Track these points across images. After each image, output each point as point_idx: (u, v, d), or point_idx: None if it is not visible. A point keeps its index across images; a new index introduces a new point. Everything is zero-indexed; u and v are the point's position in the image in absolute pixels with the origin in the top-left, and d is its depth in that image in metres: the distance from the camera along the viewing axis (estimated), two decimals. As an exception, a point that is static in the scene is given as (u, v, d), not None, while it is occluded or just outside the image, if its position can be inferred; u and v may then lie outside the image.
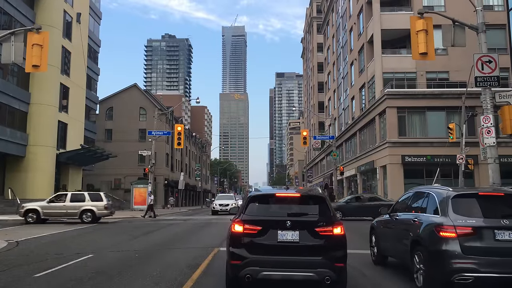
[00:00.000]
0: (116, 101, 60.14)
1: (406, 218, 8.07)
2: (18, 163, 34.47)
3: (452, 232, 6.40)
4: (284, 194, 6.79)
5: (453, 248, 6.32)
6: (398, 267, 8.91)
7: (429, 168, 30.41)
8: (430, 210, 7.27)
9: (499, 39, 29.46)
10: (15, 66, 32.28)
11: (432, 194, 7.47)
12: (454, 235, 6.37)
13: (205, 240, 14.82)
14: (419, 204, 7.95)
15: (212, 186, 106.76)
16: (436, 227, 6.68)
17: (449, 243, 6.38)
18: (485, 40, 11.96)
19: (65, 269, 8.91)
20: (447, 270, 6.33)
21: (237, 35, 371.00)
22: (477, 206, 6.69)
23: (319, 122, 67.88)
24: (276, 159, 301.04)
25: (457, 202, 6.77)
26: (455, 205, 6.73)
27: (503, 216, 6.47)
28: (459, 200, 6.82)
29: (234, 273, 6.26)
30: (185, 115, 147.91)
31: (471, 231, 6.34)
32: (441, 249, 6.45)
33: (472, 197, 6.95)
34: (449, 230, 6.44)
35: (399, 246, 8.06)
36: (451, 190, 7.16)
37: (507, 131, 11.47)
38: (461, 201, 6.82)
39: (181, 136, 31.25)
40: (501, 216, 6.46)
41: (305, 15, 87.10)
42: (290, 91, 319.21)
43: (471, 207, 6.71)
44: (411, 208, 8.23)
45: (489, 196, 7.08)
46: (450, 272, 6.28)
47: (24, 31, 14.95)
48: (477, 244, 6.29)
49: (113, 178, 55.83)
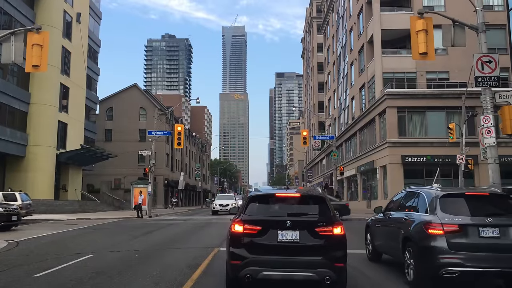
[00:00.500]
0: (116, 101, 60.14)
1: (398, 217, 8.52)
2: (18, 163, 34.48)
3: (439, 230, 6.82)
4: (284, 194, 6.79)
5: (441, 244, 6.73)
6: (398, 266, 8.91)
7: (429, 168, 30.40)
8: (420, 209, 7.70)
9: (499, 39, 29.46)
10: (15, 66, 32.29)
11: (422, 194, 7.90)
12: (442, 232, 6.79)
13: (205, 240, 14.82)
14: (410, 203, 8.39)
15: (212, 186, 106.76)
16: (425, 224, 7.09)
17: (437, 240, 6.79)
18: (485, 40, 11.95)
19: (65, 269, 8.90)
20: (435, 265, 6.72)
21: (237, 35, 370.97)
22: (464, 205, 7.11)
23: (319, 122, 67.87)
24: (276, 159, 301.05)
25: (445, 202, 7.20)
26: (443, 204, 7.16)
27: (487, 214, 6.87)
28: (446, 199, 7.25)
29: (234, 273, 6.26)
30: (185, 115, 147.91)
31: (457, 228, 6.76)
32: (430, 245, 6.85)
33: (459, 197, 7.37)
34: (436, 228, 6.85)
35: (392, 243, 8.47)
36: (439, 190, 7.64)
37: (507, 131, 11.46)
38: (448, 200, 7.25)
39: (181, 136, 31.25)
40: (485, 215, 6.86)
41: (305, 15, 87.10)
42: (290, 91, 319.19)
43: (458, 206, 7.12)
44: (403, 207, 8.65)
45: (475, 195, 7.52)
46: (438, 267, 6.67)
47: (24, 31, 14.94)
48: (462, 240, 6.70)
49: (113, 178, 55.81)
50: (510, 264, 6.55)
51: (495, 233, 6.73)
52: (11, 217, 18.03)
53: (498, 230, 6.73)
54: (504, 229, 6.76)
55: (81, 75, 42.46)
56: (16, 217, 18.44)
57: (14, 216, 18.26)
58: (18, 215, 18.64)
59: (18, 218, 18.69)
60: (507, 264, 6.55)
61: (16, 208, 19.05)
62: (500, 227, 6.75)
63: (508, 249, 6.66)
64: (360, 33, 40.88)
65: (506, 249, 6.65)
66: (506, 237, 6.74)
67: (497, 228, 6.74)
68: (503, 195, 7.68)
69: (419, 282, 7.19)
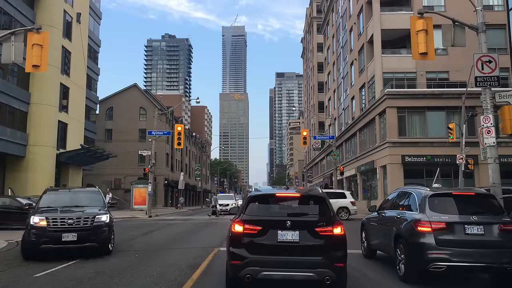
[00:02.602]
0: (116, 101, 60.13)
1: (390, 215, 8.97)
2: (18, 163, 34.45)
3: (428, 227, 7.27)
4: (284, 194, 6.80)
5: (429, 241, 7.18)
6: (392, 262, 8.94)
7: (429, 168, 30.38)
8: (411, 208, 8.19)
9: (499, 39, 29.45)
10: (15, 66, 32.26)
11: (413, 193, 8.37)
12: (430, 229, 7.23)
13: (205, 240, 14.82)
14: (402, 203, 8.85)
15: (212, 186, 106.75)
16: (414, 222, 7.55)
17: (425, 237, 7.25)
18: (485, 40, 11.94)
19: (65, 269, 8.91)
20: (423, 260, 7.16)
21: (237, 35, 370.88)
22: (451, 204, 7.59)
23: (319, 122, 67.85)
24: (276, 159, 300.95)
25: (434, 201, 7.67)
26: (432, 203, 7.63)
27: (473, 212, 7.36)
28: (435, 199, 7.73)
29: (234, 273, 6.26)
30: (185, 115, 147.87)
31: (444, 226, 7.21)
32: (419, 241, 7.31)
33: (447, 196, 7.84)
34: (425, 225, 7.31)
35: (385, 240, 8.95)
36: (428, 190, 8.12)
37: (507, 131, 11.46)
38: (437, 199, 7.72)
39: (181, 136, 31.24)
40: (471, 213, 7.35)
41: (305, 15, 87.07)
42: (290, 91, 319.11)
43: (445, 205, 7.60)
44: (396, 206, 9.09)
45: (462, 195, 7.99)
46: (426, 262, 7.11)
47: (24, 31, 14.93)
48: (449, 237, 7.14)
49: (113, 178, 55.81)
50: (493, 259, 6.95)
51: (480, 230, 7.13)
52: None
53: (483, 227, 7.15)
54: (488, 227, 7.18)
55: (81, 75, 42.44)
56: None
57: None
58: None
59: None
60: (491, 260, 6.95)
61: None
62: (484, 225, 7.17)
63: (492, 245, 7.08)
64: (360, 33, 40.87)
65: (490, 245, 7.07)
66: (490, 234, 7.15)
67: (481, 226, 7.15)
68: (488, 195, 8.14)
69: (409, 276, 7.60)
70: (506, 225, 7.18)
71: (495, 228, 7.18)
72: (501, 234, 7.14)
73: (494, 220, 7.28)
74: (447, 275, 7.38)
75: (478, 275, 8.21)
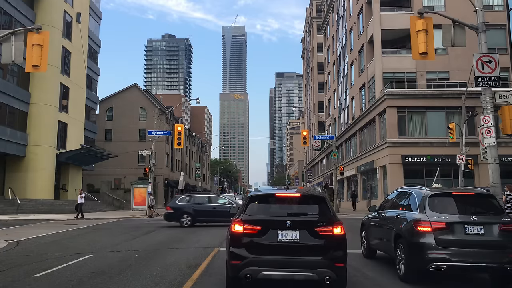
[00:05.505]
0: (116, 101, 60.12)
1: (390, 215, 8.96)
2: (18, 163, 34.46)
3: (428, 227, 7.26)
4: (284, 194, 6.79)
5: (429, 241, 7.18)
6: (392, 262, 8.95)
7: (429, 168, 30.39)
8: (411, 208, 8.18)
9: (499, 39, 29.47)
10: (15, 66, 32.29)
11: (413, 193, 8.36)
12: (430, 229, 7.23)
13: (205, 240, 14.81)
14: (402, 202, 8.84)
15: (212, 186, 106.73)
16: (414, 222, 7.55)
17: (425, 237, 7.25)
18: (485, 40, 11.95)
19: (65, 269, 8.90)
20: (423, 260, 7.16)
21: (237, 35, 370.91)
22: (451, 204, 7.57)
23: (319, 122, 67.86)
24: (276, 159, 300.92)
25: (434, 201, 7.65)
26: (432, 203, 7.61)
27: (472, 212, 7.39)
28: (435, 199, 7.71)
29: (234, 273, 6.26)
30: (185, 115, 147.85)
31: (444, 226, 7.20)
32: (419, 241, 7.31)
33: (447, 196, 7.80)
34: (425, 225, 7.31)
35: (385, 240, 8.96)
36: (428, 190, 8.11)
37: (507, 131, 11.47)
38: (437, 199, 7.70)
39: (181, 136, 31.23)
40: (471, 213, 7.37)
41: (305, 15, 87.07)
42: (290, 91, 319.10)
43: (445, 205, 7.59)
44: (396, 206, 9.07)
45: (462, 195, 7.94)
46: (426, 262, 7.11)
47: (24, 31, 14.92)
48: (449, 237, 7.14)
49: (113, 178, 55.75)
50: (493, 259, 6.95)
51: (480, 230, 7.13)
52: None
53: (483, 227, 7.14)
54: (488, 227, 7.18)
55: (81, 75, 42.44)
56: None
57: None
58: None
59: None
60: (491, 259, 6.94)
61: None
62: (484, 225, 7.17)
63: (492, 245, 7.08)
64: (360, 33, 40.87)
65: (490, 245, 7.07)
66: (490, 234, 7.15)
67: (481, 226, 7.15)
68: (487, 195, 8.06)
69: (409, 276, 7.61)
70: (506, 225, 7.18)
71: (495, 228, 7.19)
72: (501, 234, 7.14)
73: (494, 220, 7.27)
74: (447, 275, 7.40)
75: (478, 275, 8.22)
